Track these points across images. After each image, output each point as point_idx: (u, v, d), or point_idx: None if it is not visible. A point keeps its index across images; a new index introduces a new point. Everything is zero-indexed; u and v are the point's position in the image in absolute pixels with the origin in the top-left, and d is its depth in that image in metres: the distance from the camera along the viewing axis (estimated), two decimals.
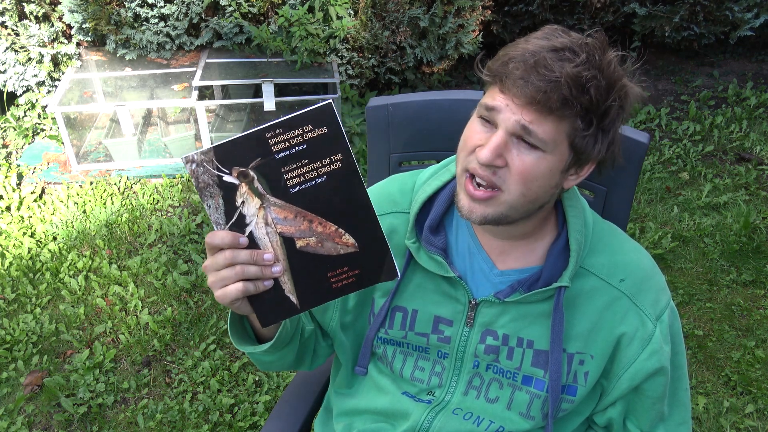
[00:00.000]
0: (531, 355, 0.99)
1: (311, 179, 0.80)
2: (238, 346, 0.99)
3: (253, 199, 0.81)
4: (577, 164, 0.91)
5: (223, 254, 0.82)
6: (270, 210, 0.81)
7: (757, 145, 3.42)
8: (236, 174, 0.80)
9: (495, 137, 0.86)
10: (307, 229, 0.82)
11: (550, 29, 0.88)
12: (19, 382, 2.20)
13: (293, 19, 3.24)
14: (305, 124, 0.78)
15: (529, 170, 0.86)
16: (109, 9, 3.30)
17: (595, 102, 0.83)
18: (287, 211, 0.82)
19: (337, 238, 0.83)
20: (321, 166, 0.79)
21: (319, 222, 0.82)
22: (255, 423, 2.06)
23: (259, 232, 0.82)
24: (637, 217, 2.95)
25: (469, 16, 3.57)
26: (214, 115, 3.44)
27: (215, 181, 0.80)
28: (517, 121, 0.84)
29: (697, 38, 3.97)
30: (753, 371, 2.21)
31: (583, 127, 0.85)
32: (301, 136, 0.78)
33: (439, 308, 1.02)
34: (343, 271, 0.84)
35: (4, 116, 3.57)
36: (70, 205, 2.98)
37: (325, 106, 0.77)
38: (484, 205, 0.90)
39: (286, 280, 0.84)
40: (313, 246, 0.83)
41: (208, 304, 2.48)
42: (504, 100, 0.85)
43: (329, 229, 0.82)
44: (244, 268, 0.82)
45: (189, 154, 0.79)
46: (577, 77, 0.82)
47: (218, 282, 0.83)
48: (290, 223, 0.82)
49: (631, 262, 1.00)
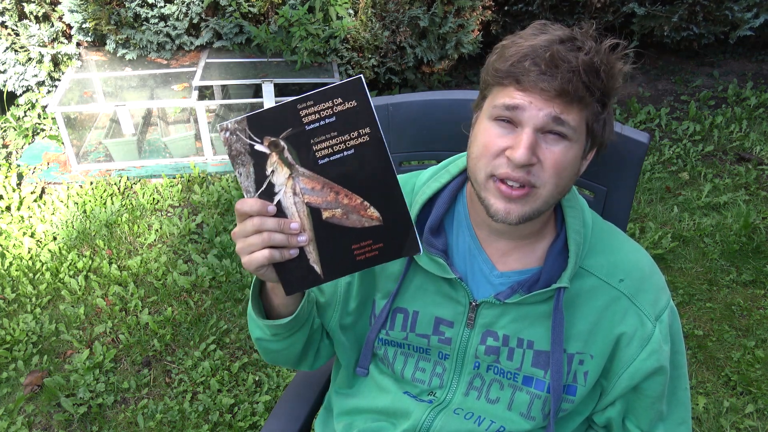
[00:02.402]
0: (531, 356, 0.99)
1: (339, 151, 0.82)
2: (256, 320, 1.00)
3: (283, 168, 0.83)
4: (590, 149, 0.94)
5: (252, 221, 0.83)
6: (298, 180, 0.83)
7: (757, 145, 3.42)
8: (267, 143, 0.82)
9: (525, 135, 0.86)
10: (334, 200, 0.84)
11: (540, 24, 0.91)
12: (19, 382, 2.20)
13: (293, 19, 3.24)
14: (335, 97, 0.80)
15: (561, 161, 0.88)
16: (109, 9, 3.30)
17: (608, 86, 0.87)
18: (315, 181, 0.83)
19: (362, 210, 0.84)
20: (349, 139, 0.81)
21: (346, 194, 0.84)
22: (255, 423, 2.06)
23: (287, 201, 0.84)
24: (637, 217, 2.95)
25: (469, 16, 3.57)
26: (214, 115, 3.44)
27: (247, 150, 0.82)
28: (546, 114, 0.85)
29: (697, 38, 3.97)
30: (753, 371, 2.21)
31: (599, 110, 0.89)
32: (331, 109, 0.80)
33: (440, 309, 1.02)
34: (367, 244, 0.85)
35: (4, 116, 3.57)
36: (70, 205, 2.98)
37: (356, 80, 0.79)
38: (521, 204, 0.90)
39: (311, 249, 0.86)
40: (338, 217, 0.84)
41: (208, 304, 2.48)
42: (526, 98, 0.86)
43: (355, 201, 0.84)
44: (271, 235, 0.83)
45: (224, 123, 0.81)
46: (591, 64, 0.85)
47: (246, 248, 0.84)
48: (317, 193, 0.84)
49: (631, 262, 1.00)
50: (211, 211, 2.95)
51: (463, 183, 1.04)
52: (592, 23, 0.90)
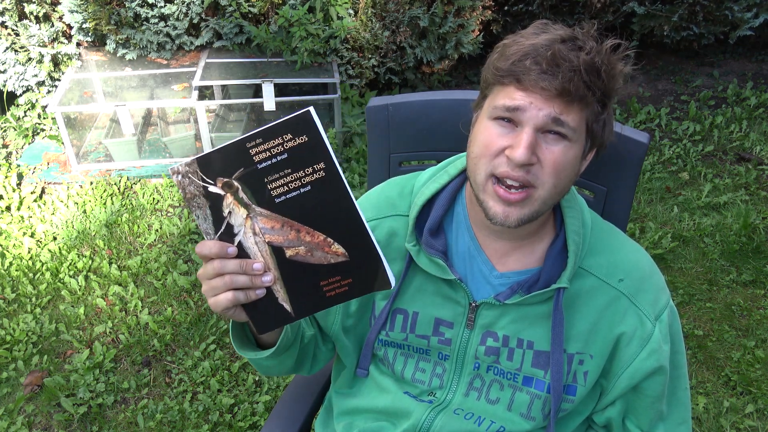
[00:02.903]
0: (531, 356, 0.99)
1: (295, 189, 0.79)
2: (240, 352, 1.00)
3: (240, 209, 0.80)
4: (590, 149, 0.94)
5: (212, 264, 0.82)
6: (257, 220, 0.81)
7: (757, 145, 3.42)
8: (221, 184, 0.79)
9: (525, 135, 0.86)
10: (295, 238, 0.81)
11: (541, 24, 0.90)
12: (19, 382, 2.20)
13: (293, 19, 3.24)
14: (285, 133, 0.76)
15: (560, 161, 0.88)
16: (109, 9, 3.30)
17: (608, 86, 0.87)
18: (274, 221, 0.81)
19: (326, 247, 0.82)
20: (304, 175, 0.78)
21: (307, 231, 0.81)
22: (255, 423, 2.06)
23: (248, 242, 0.82)
24: (637, 217, 2.95)
25: (469, 16, 3.57)
26: (214, 115, 3.44)
27: (201, 192, 0.80)
28: (546, 114, 0.85)
29: (697, 38, 3.97)
30: (753, 371, 2.21)
31: (599, 111, 0.89)
32: (282, 146, 0.76)
33: (440, 310, 1.02)
34: (336, 280, 0.83)
35: (4, 116, 3.57)
36: (70, 205, 2.98)
37: (304, 114, 0.75)
38: (520, 207, 0.90)
39: (278, 288, 0.84)
40: (302, 255, 0.82)
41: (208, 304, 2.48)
42: (526, 98, 0.86)
43: (317, 238, 0.81)
44: (233, 277, 0.82)
45: (174, 166, 0.79)
46: (593, 64, 0.85)
47: (210, 291, 0.84)
48: (278, 232, 0.81)
49: (630, 262, 1.00)
50: None
51: (462, 184, 1.04)
52: (594, 23, 0.90)
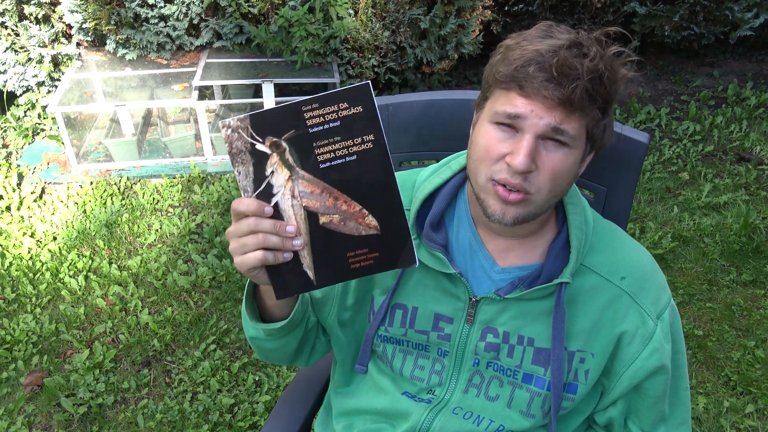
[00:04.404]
0: (531, 353, 0.99)
1: (341, 156, 0.80)
2: (249, 324, 0.99)
3: (283, 170, 0.81)
4: (589, 152, 0.94)
5: (247, 221, 0.82)
6: (298, 183, 0.82)
7: (757, 145, 3.42)
8: (269, 143, 0.80)
9: (525, 143, 0.86)
10: (332, 206, 0.83)
11: (546, 26, 0.89)
12: (19, 382, 2.20)
13: (293, 19, 3.25)
14: (341, 102, 0.79)
15: (558, 168, 0.88)
16: (109, 9, 3.30)
17: (610, 93, 0.87)
18: (315, 185, 0.82)
19: (360, 218, 0.83)
20: (352, 144, 0.80)
21: (345, 200, 0.82)
22: (255, 423, 2.06)
23: (284, 204, 0.83)
24: (637, 217, 2.95)
25: (470, 17, 3.57)
26: (214, 115, 3.44)
27: (248, 148, 0.81)
28: (547, 124, 0.85)
29: (697, 38, 3.97)
30: (753, 371, 2.21)
31: (600, 117, 0.89)
32: (336, 113, 0.79)
33: (440, 305, 1.02)
34: (363, 253, 0.84)
35: (4, 116, 3.57)
36: (70, 205, 2.98)
37: (363, 86, 0.78)
38: (516, 207, 0.90)
39: (305, 254, 0.84)
40: (335, 223, 0.83)
41: (208, 304, 2.48)
42: (528, 105, 0.85)
43: (353, 208, 0.83)
44: (266, 237, 0.82)
45: (226, 120, 0.80)
46: (596, 71, 0.84)
47: (239, 248, 0.83)
48: (316, 197, 0.82)
49: (632, 261, 1.00)
50: (211, 211, 2.95)
51: (464, 179, 1.04)
52: (602, 29, 0.89)
